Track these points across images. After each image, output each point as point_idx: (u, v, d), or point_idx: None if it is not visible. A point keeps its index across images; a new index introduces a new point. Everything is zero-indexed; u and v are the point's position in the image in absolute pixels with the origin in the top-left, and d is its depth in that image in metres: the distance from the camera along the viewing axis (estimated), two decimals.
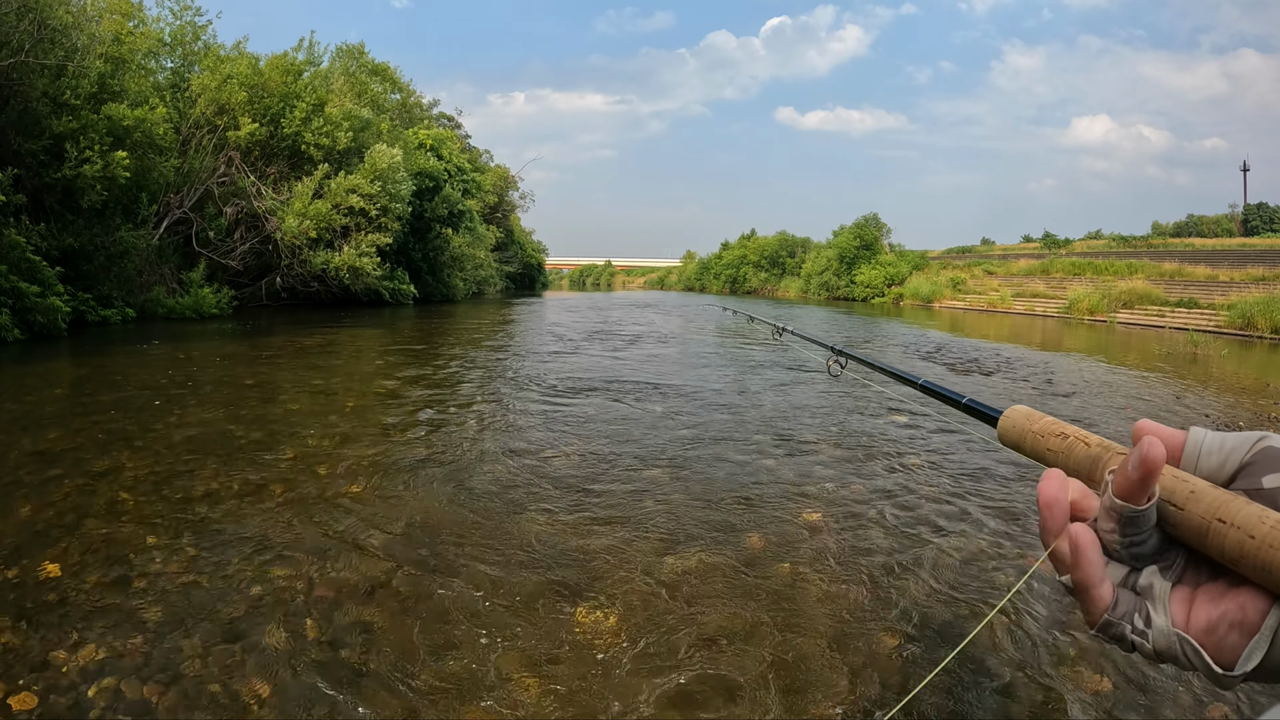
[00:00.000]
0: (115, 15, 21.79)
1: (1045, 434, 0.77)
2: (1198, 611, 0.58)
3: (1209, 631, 0.56)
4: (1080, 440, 0.72)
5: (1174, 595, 0.59)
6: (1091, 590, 0.60)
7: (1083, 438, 0.72)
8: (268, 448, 6.34)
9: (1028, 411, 0.83)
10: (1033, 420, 0.81)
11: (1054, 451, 0.74)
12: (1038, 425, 0.79)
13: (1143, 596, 0.60)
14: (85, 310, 17.95)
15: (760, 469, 6.03)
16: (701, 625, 3.40)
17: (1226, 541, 0.55)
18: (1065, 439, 0.74)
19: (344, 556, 4.05)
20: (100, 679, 2.84)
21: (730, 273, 77.75)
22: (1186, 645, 0.57)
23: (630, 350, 14.87)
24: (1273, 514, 0.54)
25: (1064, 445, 0.73)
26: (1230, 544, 0.55)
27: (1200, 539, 0.57)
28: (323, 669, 2.97)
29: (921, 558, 4.25)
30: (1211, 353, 17.64)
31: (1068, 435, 0.74)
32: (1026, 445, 0.80)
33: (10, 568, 3.78)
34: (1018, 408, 0.85)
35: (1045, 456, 0.76)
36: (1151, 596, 0.60)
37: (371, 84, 35.84)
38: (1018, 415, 0.83)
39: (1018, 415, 0.83)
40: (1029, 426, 0.80)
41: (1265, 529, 0.53)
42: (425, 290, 36.28)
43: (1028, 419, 0.81)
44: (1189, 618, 0.58)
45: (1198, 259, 38.27)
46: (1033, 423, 0.80)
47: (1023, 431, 0.81)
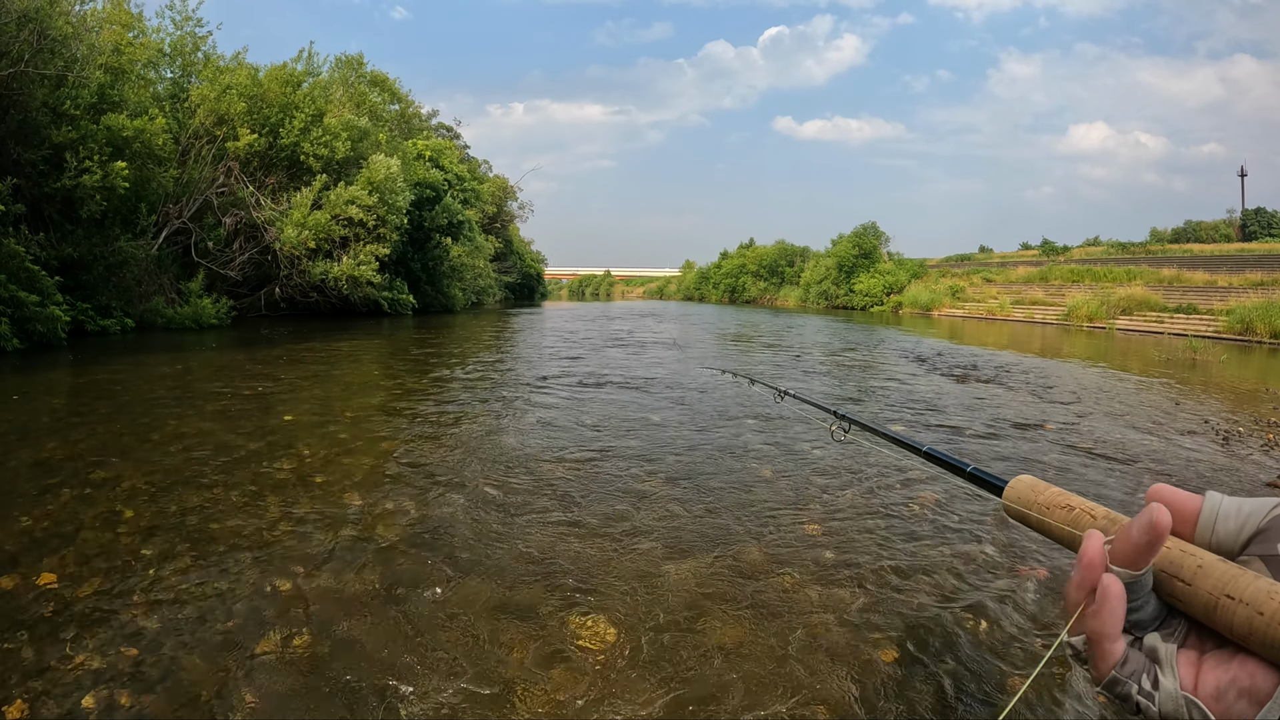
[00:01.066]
0: (115, 26, 21.84)
1: (1051, 506, 0.75)
2: (1206, 676, 0.57)
3: (1218, 698, 0.56)
4: (1086, 513, 0.71)
5: (1180, 658, 0.59)
6: (1106, 643, 0.59)
7: (1089, 510, 0.71)
8: (266, 458, 6.32)
9: (1033, 482, 0.81)
10: (1038, 491, 0.79)
11: (1059, 526, 0.73)
12: (1043, 497, 0.77)
13: (1150, 659, 0.60)
14: (84, 320, 17.95)
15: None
16: (703, 636, 3.38)
17: (1235, 618, 0.55)
18: (1071, 511, 0.73)
19: (342, 566, 4.04)
20: (95, 688, 2.83)
21: (729, 282, 77.83)
22: (1195, 710, 0.56)
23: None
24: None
25: (1070, 518, 0.72)
26: (1239, 620, 0.54)
27: (1209, 614, 0.57)
28: (319, 679, 2.96)
29: (920, 567, 4.24)
30: (1210, 358, 17.65)
31: (1074, 507, 0.73)
32: (1032, 517, 0.78)
33: (7, 577, 3.76)
34: (1023, 478, 0.82)
35: (1050, 529, 0.75)
36: (1159, 659, 0.59)
37: (370, 94, 35.94)
38: (1022, 486, 0.81)
39: (1022, 486, 0.81)
40: (1034, 498, 0.78)
41: (1275, 605, 0.53)
42: (424, 300, 36.28)
43: (1033, 490, 0.79)
44: (1197, 682, 0.57)
45: (1196, 265, 38.33)
46: (1038, 494, 0.78)
47: (1028, 503, 0.79)
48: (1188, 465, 6.69)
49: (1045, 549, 4.48)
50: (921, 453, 1.50)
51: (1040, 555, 4.40)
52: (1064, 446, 7.30)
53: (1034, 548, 4.51)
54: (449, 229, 38.11)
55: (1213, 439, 7.75)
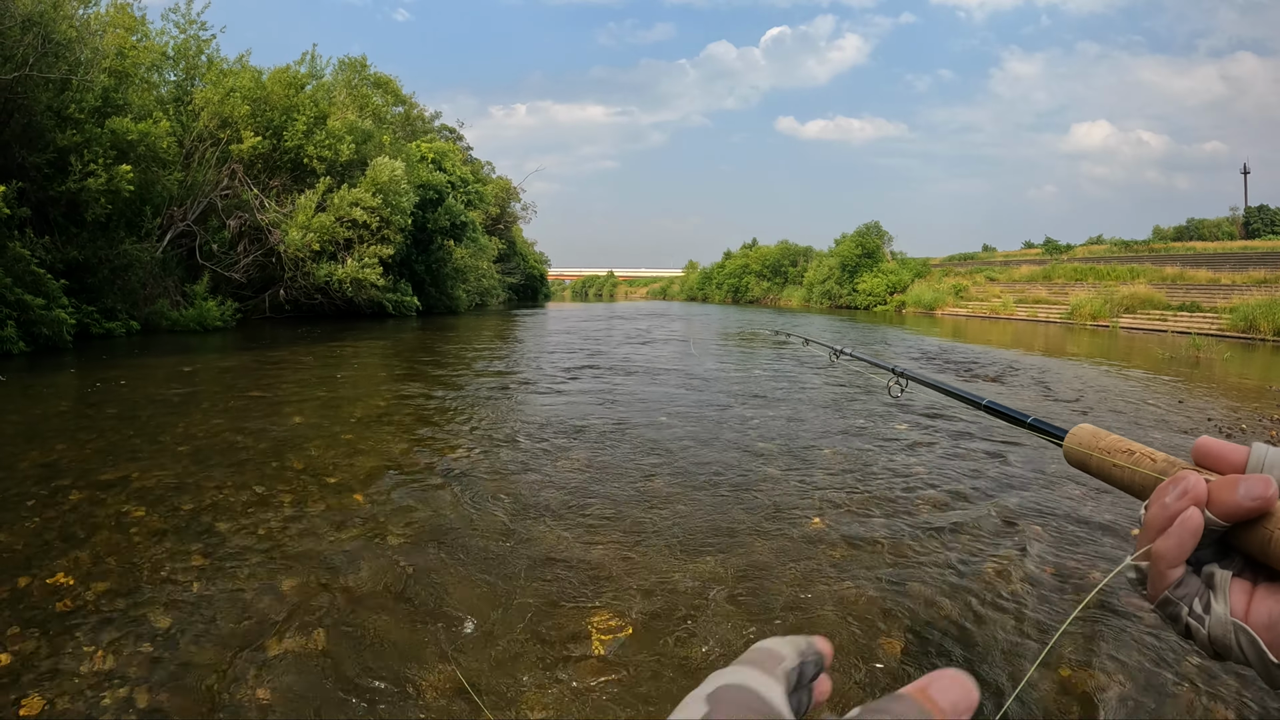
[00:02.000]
0: (119, 30, 21.92)
1: (1112, 451, 0.78)
2: (1258, 605, 0.58)
3: (1269, 626, 0.57)
4: (1147, 456, 0.73)
5: (1234, 586, 0.60)
6: (1166, 566, 0.61)
7: (1150, 454, 0.73)
8: (274, 458, 6.36)
9: (1094, 430, 0.83)
10: (1099, 438, 0.81)
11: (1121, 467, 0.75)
12: (1104, 443, 0.80)
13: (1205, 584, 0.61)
14: (90, 323, 18.00)
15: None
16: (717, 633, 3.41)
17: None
18: (1132, 455, 0.75)
19: (352, 566, 4.07)
20: (110, 687, 2.86)
21: (733, 282, 77.80)
22: (1243, 635, 0.58)
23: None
24: None
25: (1131, 461, 0.74)
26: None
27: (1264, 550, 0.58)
28: (331, 678, 2.99)
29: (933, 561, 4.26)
30: (1214, 356, 17.64)
31: (1134, 452, 0.75)
32: (1093, 463, 0.80)
33: (20, 577, 3.80)
34: (1084, 426, 0.85)
35: (1112, 473, 0.77)
36: (1214, 585, 0.61)
37: (374, 96, 35.94)
38: (1084, 434, 0.83)
39: (1084, 434, 0.83)
40: (1096, 444, 0.81)
41: None
42: (428, 302, 36.30)
43: (1094, 437, 0.82)
44: (1249, 610, 0.58)
45: (1199, 263, 38.26)
46: (1099, 440, 0.81)
47: (1089, 449, 0.81)
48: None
49: (1050, 550, 4.50)
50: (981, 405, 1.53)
51: (1046, 556, 4.41)
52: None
53: (1039, 553, 4.53)
54: (452, 231, 38.14)
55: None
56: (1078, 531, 4.79)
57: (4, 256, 14.83)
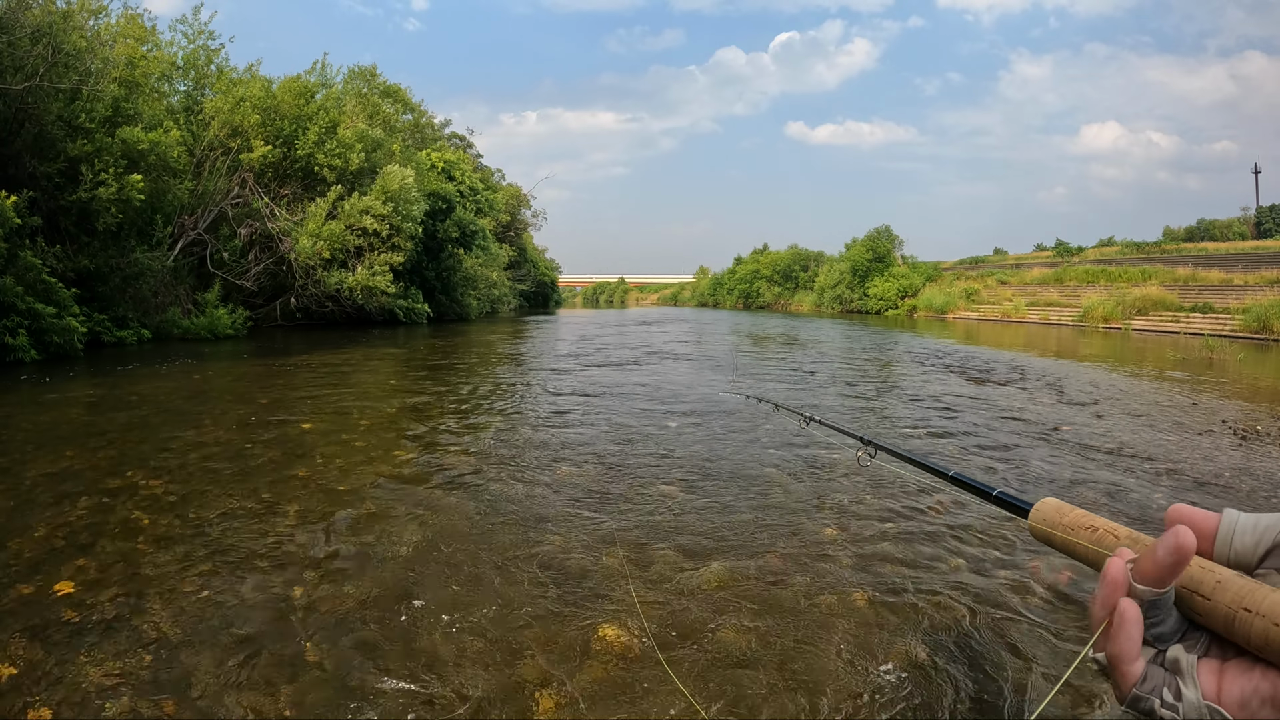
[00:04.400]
0: (129, 40, 22.03)
1: (1075, 527, 0.77)
2: (1229, 685, 0.58)
3: (1242, 705, 0.57)
4: (1110, 533, 0.73)
5: (1202, 667, 0.60)
6: (1124, 665, 0.61)
7: (1112, 530, 0.73)
8: (283, 466, 6.35)
9: (1057, 505, 0.83)
10: (1063, 514, 0.80)
11: (1084, 546, 0.75)
12: (1068, 519, 0.79)
13: (1171, 671, 0.61)
14: (101, 331, 18.09)
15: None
16: (725, 643, 3.37)
17: (1253, 630, 0.56)
18: (1095, 532, 0.74)
19: (360, 574, 4.04)
20: (116, 696, 2.84)
21: (744, 287, 77.86)
22: (1219, 717, 0.58)
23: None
24: None
25: (1094, 539, 0.74)
26: (1257, 632, 0.56)
27: (1228, 627, 0.58)
28: (340, 686, 2.96)
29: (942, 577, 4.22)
30: (1227, 357, 17.53)
31: (1097, 528, 0.74)
32: (1057, 539, 0.80)
33: (26, 585, 3.79)
34: (1048, 500, 0.84)
35: (1075, 550, 0.77)
36: (1180, 671, 0.61)
37: (384, 105, 36.13)
38: (1048, 509, 0.83)
39: (1048, 509, 0.83)
40: (1059, 520, 0.80)
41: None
42: (439, 309, 36.43)
43: (1058, 512, 0.81)
44: (1220, 690, 0.59)
45: (1211, 263, 38.12)
46: (1063, 516, 0.80)
47: (1054, 525, 0.81)
48: (1205, 464, 6.63)
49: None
50: (948, 477, 1.52)
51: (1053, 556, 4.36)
52: (1081, 447, 7.25)
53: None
54: (462, 239, 38.25)
55: (1230, 438, 7.68)
56: None
57: (15, 265, 14.92)
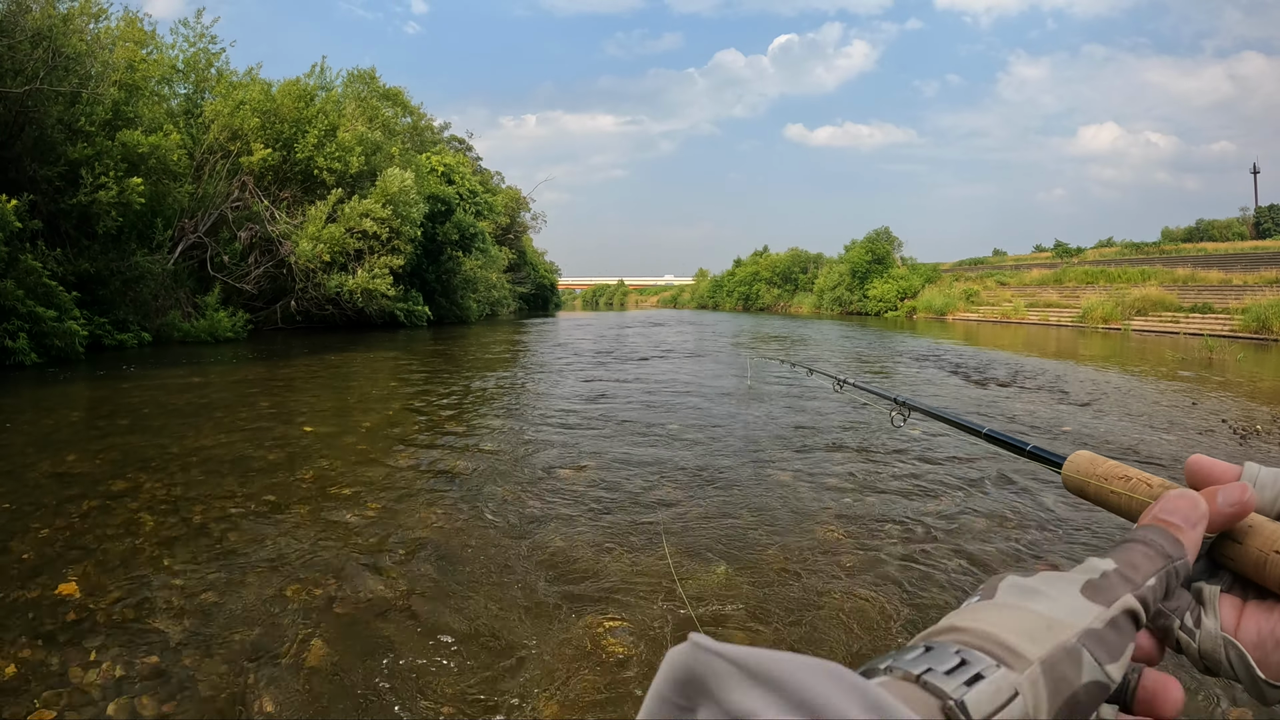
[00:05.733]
0: (129, 43, 22.06)
1: (1109, 478, 0.77)
2: (1248, 622, 0.59)
3: (1258, 644, 0.57)
4: (1144, 482, 0.72)
5: (1224, 601, 0.60)
6: None
7: (1145, 479, 0.73)
8: (284, 469, 6.35)
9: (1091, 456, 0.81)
10: (1096, 465, 0.80)
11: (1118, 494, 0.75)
12: (1101, 469, 0.79)
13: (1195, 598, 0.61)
14: (101, 334, 18.11)
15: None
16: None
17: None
18: (1129, 481, 0.74)
19: (361, 576, 4.05)
20: (118, 696, 2.85)
21: (743, 290, 77.81)
22: (1233, 651, 0.57)
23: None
24: None
25: (1128, 487, 0.74)
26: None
27: (1258, 570, 0.59)
28: (340, 688, 2.97)
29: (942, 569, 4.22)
30: (1227, 357, 17.53)
31: (1131, 478, 0.74)
32: (1090, 489, 0.80)
33: (30, 587, 3.80)
34: (1081, 453, 0.83)
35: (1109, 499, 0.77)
36: (1203, 599, 0.61)
37: (383, 108, 36.10)
38: (1081, 460, 0.83)
39: (1081, 460, 0.83)
40: (1093, 470, 0.80)
41: None
42: (439, 312, 36.42)
43: (1092, 463, 0.81)
44: (1238, 625, 0.59)
45: (1210, 264, 38.08)
46: (1096, 467, 0.80)
47: (1086, 475, 0.80)
48: None
49: (1058, 555, 4.46)
50: (982, 434, 1.53)
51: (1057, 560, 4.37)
52: (1082, 448, 7.24)
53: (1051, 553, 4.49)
54: (461, 242, 38.25)
55: (1231, 437, 7.69)
56: (1095, 529, 4.74)
57: (16, 269, 14.94)
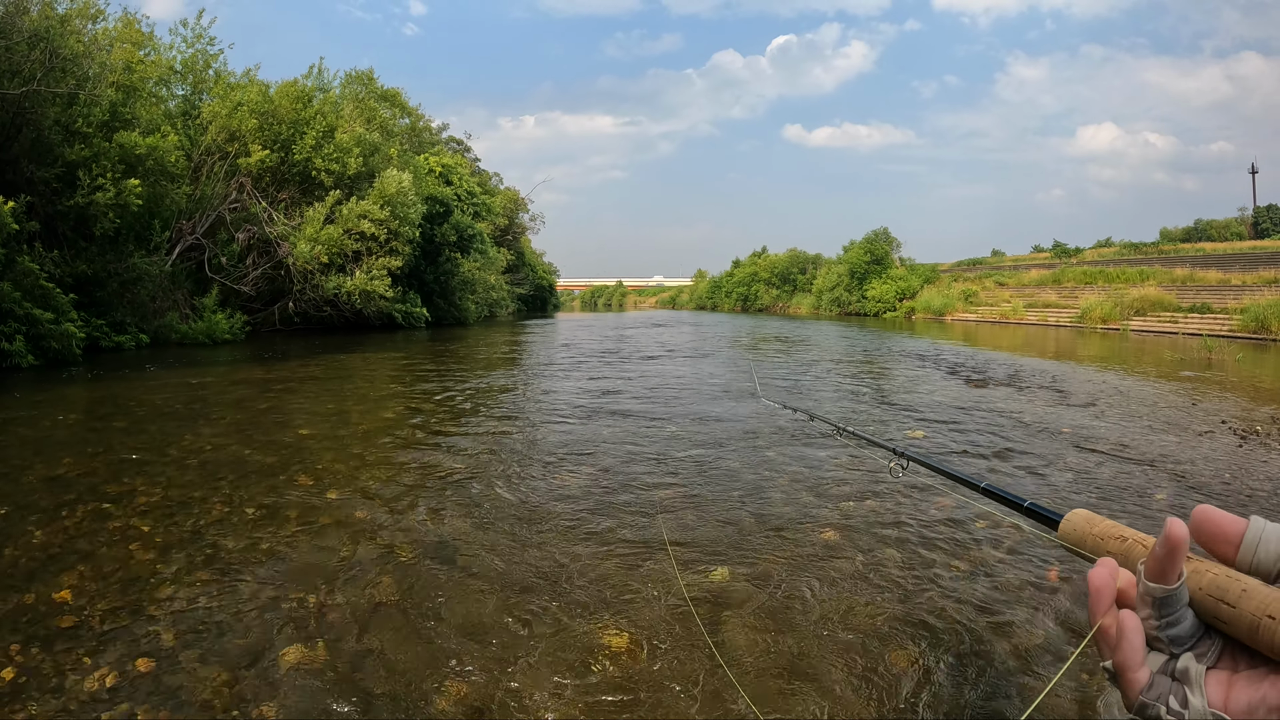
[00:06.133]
0: (126, 44, 22.03)
1: (1105, 537, 0.79)
2: (1237, 693, 0.60)
3: (1249, 713, 0.58)
4: (1139, 543, 0.74)
5: (1211, 678, 0.62)
6: (1129, 673, 0.63)
7: (1141, 540, 0.75)
8: (281, 472, 6.33)
9: (1088, 515, 0.85)
10: (1093, 524, 0.83)
11: (1114, 554, 0.76)
12: (1098, 529, 0.82)
13: (1180, 681, 0.63)
14: (99, 336, 18.09)
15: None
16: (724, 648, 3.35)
17: (1277, 637, 0.57)
18: (1124, 542, 0.76)
19: (358, 579, 4.03)
20: (114, 703, 2.82)
21: (742, 290, 77.87)
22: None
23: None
24: None
25: (1123, 548, 0.76)
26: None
27: (1251, 635, 0.59)
28: (337, 693, 2.94)
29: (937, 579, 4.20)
30: (1226, 357, 17.54)
31: (1126, 539, 0.76)
32: (1087, 547, 0.82)
33: (24, 592, 3.77)
34: (1078, 511, 0.87)
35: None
36: (1188, 679, 0.62)
37: (380, 109, 36.08)
38: (1078, 519, 0.85)
39: (1078, 519, 0.85)
40: (1089, 530, 0.82)
41: None
42: (437, 313, 36.41)
43: (1088, 523, 0.83)
44: (1228, 699, 0.60)
45: (1209, 264, 38.14)
46: (1093, 526, 0.82)
47: (1083, 535, 0.83)
48: (1205, 465, 6.61)
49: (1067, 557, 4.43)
50: (979, 489, 1.56)
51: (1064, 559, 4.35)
52: (1081, 449, 7.24)
53: (1059, 555, 4.47)
54: (459, 244, 38.24)
55: (1231, 438, 7.67)
56: None
57: (13, 271, 14.91)
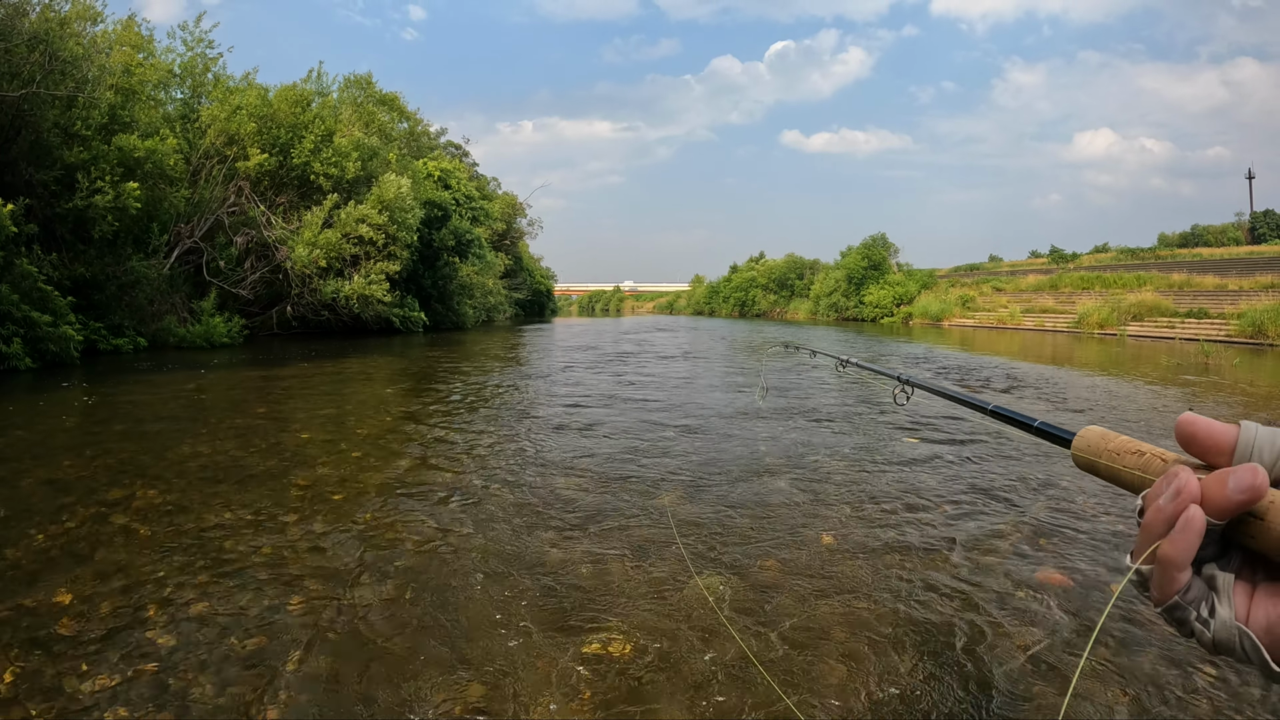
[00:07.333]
0: (125, 47, 22.04)
1: (1121, 452, 0.76)
2: (1258, 609, 0.59)
3: (1269, 630, 0.58)
4: (1158, 457, 0.72)
5: (1235, 589, 0.60)
6: (1174, 571, 0.61)
7: (1160, 454, 0.72)
8: (280, 476, 6.32)
9: (1102, 432, 0.82)
10: (1107, 440, 0.80)
11: (1130, 470, 0.74)
12: (1113, 445, 0.78)
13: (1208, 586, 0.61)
14: (97, 339, 18.08)
15: None
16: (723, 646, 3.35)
17: None
18: (1142, 456, 0.73)
19: (359, 584, 4.02)
20: (114, 707, 2.81)
21: (739, 296, 77.90)
22: (1246, 640, 0.58)
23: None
24: None
25: (1140, 463, 0.73)
26: None
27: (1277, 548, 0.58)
28: (337, 697, 2.94)
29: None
30: (1223, 362, 17.56)
31: (1144, 453, 0.73)
32: (1101, 466, 0.79)
33: (24, 596, 3.76)
34: (1092, 428, 0.83)
35: (1121, 476, 0.76)
36: (1216, 588, 0.61)
37: (379, 113, 36.08)
38: (1092, 436, 0.82)
39: (1092, 436, 0.82)
40: (1104, 446, 0.79)
41: None
42: (435, 318, 36.37)
43: (1102, 439, 0.80)
44: (1249, 613, 0.59)
45: (1206, 269, 38.18)
46: (1108, 442, 0.79)
47: (1098, 451, 0.80)
48: None
49: (1062, 561, 4.44)
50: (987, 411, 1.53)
51: (1060, 565, 4.35)
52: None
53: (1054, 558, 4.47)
54: (457, 249, 38.23)
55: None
56: (1092, 536, 4.72)
57: (11, 273, 14.88)
